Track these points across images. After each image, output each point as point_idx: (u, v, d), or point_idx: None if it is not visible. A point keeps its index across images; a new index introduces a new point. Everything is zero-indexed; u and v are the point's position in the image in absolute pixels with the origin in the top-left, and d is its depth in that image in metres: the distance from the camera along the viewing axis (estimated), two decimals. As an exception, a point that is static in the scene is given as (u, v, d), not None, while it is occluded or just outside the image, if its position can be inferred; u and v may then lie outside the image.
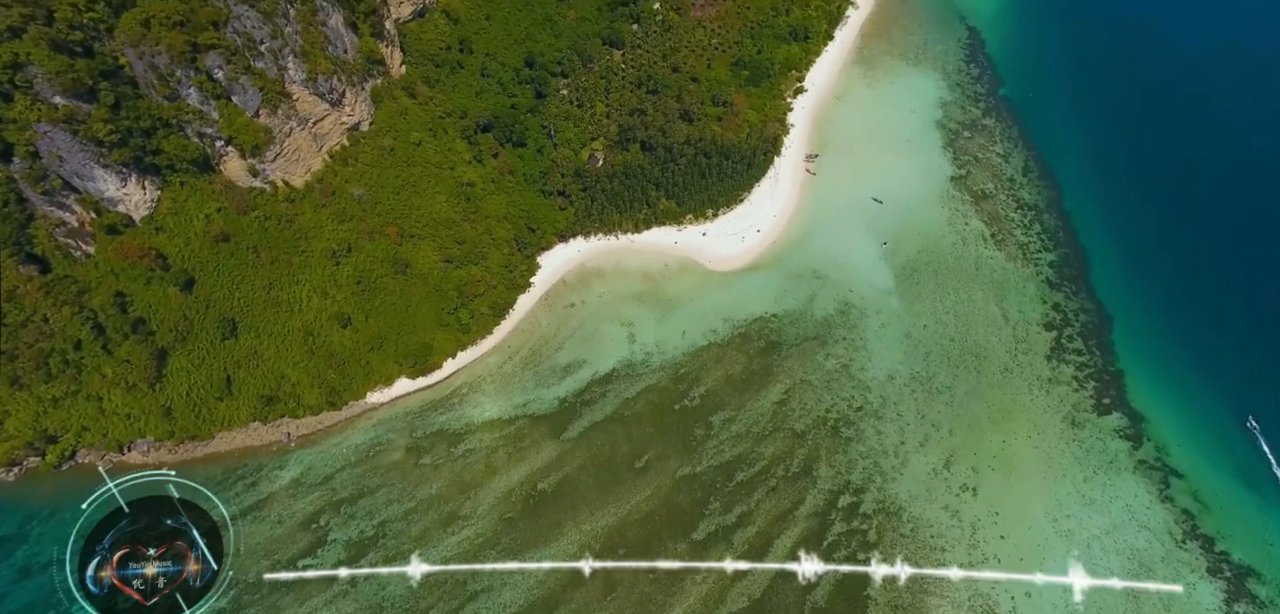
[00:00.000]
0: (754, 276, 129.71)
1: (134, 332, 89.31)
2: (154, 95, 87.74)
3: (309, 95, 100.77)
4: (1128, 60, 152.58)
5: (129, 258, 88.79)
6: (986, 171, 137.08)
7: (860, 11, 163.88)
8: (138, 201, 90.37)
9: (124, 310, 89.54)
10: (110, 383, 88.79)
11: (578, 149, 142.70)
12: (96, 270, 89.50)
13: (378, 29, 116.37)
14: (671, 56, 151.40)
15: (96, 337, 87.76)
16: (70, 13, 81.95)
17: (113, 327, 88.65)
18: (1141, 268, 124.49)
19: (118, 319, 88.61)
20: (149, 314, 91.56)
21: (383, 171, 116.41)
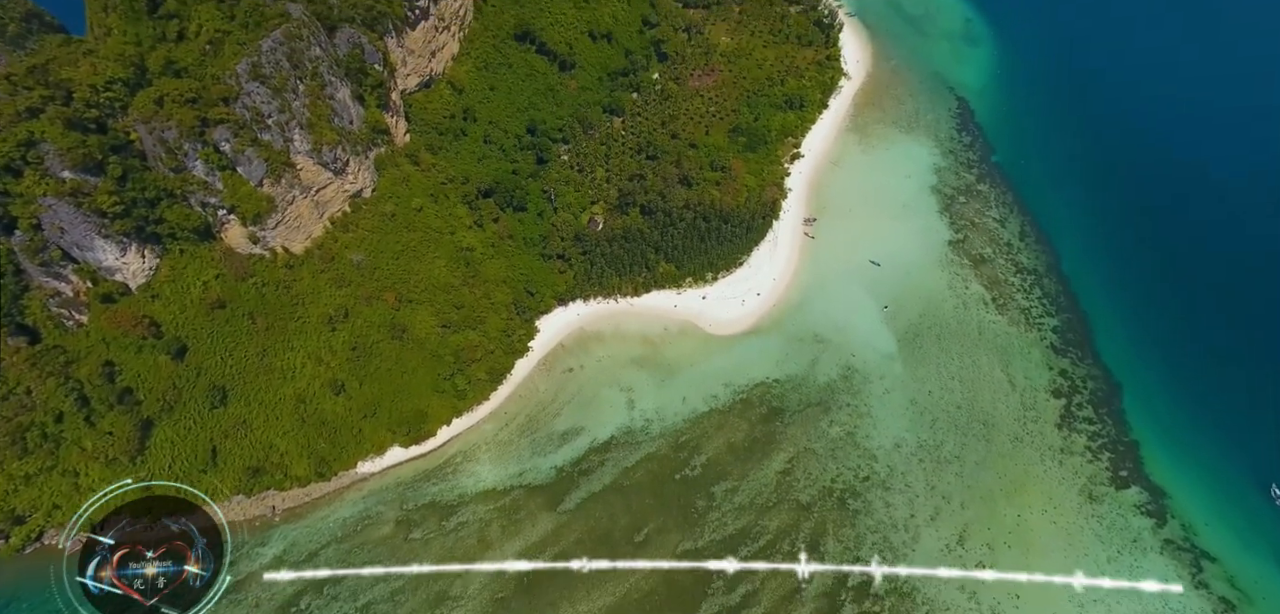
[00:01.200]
0: (754, 341, 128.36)
1: (120, 402, 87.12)
2: (161, 167, 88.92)
3: (313, 165, 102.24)
4: (1117, 127, 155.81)
5: (122, 326, 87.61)
6: (984, 236, 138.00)
7: (853, 82, 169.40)
8: (136, 270, 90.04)
9: (111, 380, 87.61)
10: (89, 456, 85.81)
11: (578, 213, 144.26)
12: (87, 340, 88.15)
13: (384, 100, 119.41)
14: (670, 124, 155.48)
15: (80, 408, 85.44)
16: (88, 93, 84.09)
17: (98, 397, 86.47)
18: (1147, 334, 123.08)
19: (104, 389, 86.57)
20: (137, 383, 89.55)
21: (383, 237, 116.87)
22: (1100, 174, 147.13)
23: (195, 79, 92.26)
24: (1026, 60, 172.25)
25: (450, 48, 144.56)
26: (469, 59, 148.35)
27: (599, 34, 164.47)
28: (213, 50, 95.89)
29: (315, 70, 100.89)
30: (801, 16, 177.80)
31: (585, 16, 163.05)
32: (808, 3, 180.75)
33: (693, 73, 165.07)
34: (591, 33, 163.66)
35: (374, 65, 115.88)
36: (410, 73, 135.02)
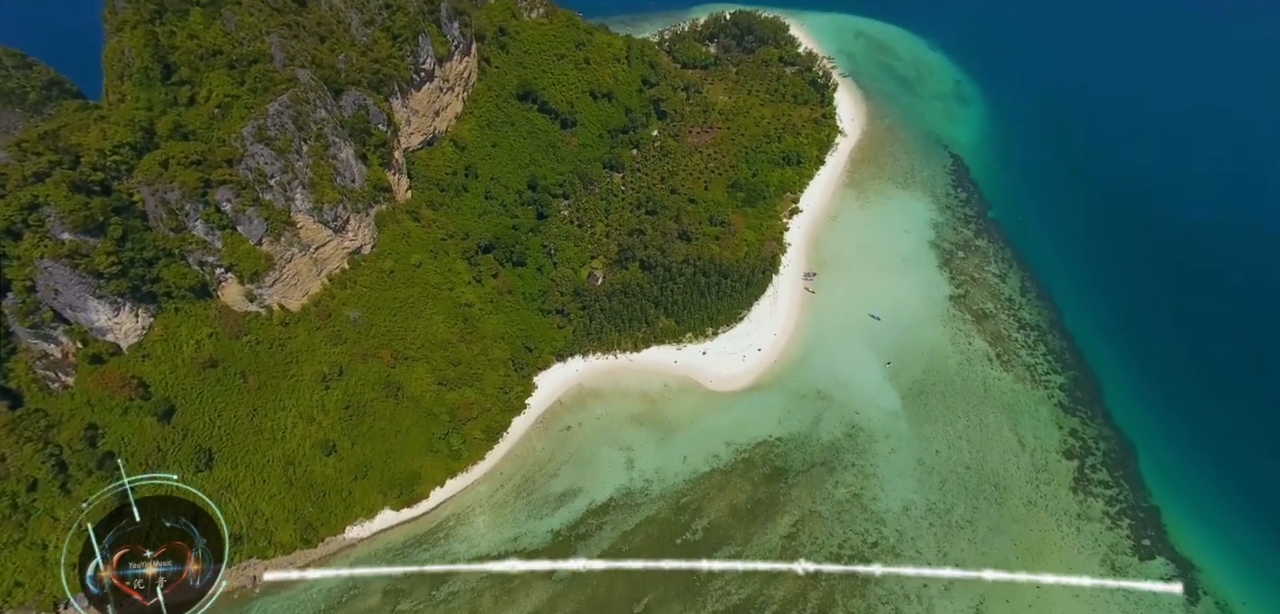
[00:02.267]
0: (756, 397, 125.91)
1: (100, 467, 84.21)
2: (162, 227, 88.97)
3: (313, 223, 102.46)
4: (1109, 185, 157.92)
5: (108, 388, 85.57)
6: (984, 291, 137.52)
7: (849, 139, 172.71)
8: (128, 330, 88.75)
9: (93, 444, 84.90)
10: (62, 528, 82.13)
11: (577, 268, 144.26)
12: (71, 402, 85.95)
13: (387, 159, 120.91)
14: (670, 179, 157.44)
15: (56, 475, 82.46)
16: (95, 157, 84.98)
17: (76, 463, 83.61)
18: (1157, 393, 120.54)
19: (84, 454, 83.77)
20: (119, 447, 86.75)
21: (381, 293, 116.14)
22: (1097, 230, 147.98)
23: (202, 142, 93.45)
24: (1016, 119, 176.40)
25: (454, 107, 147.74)
26: (472, 117, 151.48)
27: (600, 93, 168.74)
28: (221, 114, 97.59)
29: (320, 132, 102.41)
30: (797, 77, 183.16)
31: (586, 77, 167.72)
32: (802, 64, 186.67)
33: (691, 130, 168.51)
34: (592, 92, 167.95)
35: (378, 126, 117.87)
36: (414, 131, 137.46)
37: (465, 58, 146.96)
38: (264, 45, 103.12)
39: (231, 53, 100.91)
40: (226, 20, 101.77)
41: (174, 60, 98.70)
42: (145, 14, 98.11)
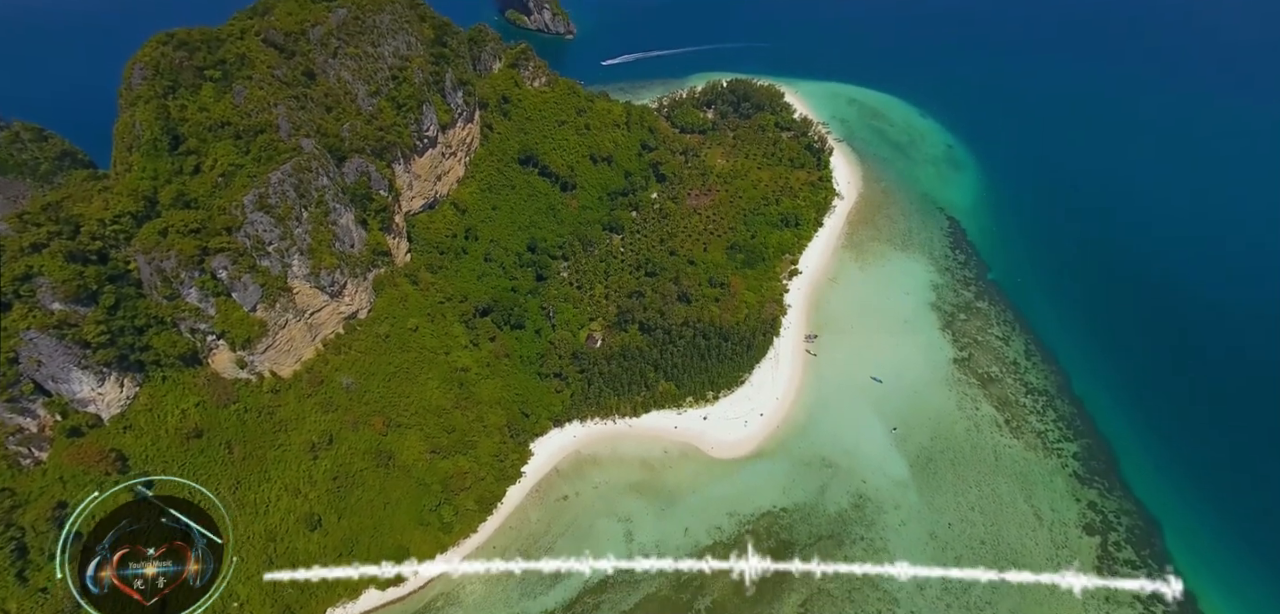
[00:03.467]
0: (759, 465, 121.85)
1: (63, 553, 79.70)
2: (155, 295, 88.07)
3: (309, 288, 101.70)
4: (1107, 247, 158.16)
5: (85, 462, 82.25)
6: (988, 354, 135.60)
7: (846, 201, 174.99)
8: (112, 400, 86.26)
9: (61, 526, 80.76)
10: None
11: (576, 330, 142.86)
12: (41, 479, 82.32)
13: (387, 223, 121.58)
14: (669, 241, 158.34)
15: (15, 560, 77.84)
16: (95, 226, 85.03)
17: (39, 548, 79.19)
18: (1177, 462, 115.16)
19: (48, 537, 79.43)
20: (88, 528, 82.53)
21: (376, 358, 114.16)
22: (1097, 294, 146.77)
23: (203, 210, 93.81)
24: (1009, 184, 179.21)
25: (456, 171, 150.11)
26: (474, 181, 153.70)
27: (600, 157, 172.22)
28: (225, 182, 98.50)
29: (320, 199, 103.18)
30: (793, 141, 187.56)
31: (587, 141, 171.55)
32: (798, 129, 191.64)
33: (690, 192, 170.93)
34: (592, 156, 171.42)
35: (379, 191, 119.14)
36: (415, 195, 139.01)
37: (468, 124, 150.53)
38: (271, 116, 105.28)
39: (239, 124, 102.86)
40: (236, 94, 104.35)
41: (182, 132, 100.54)
42: (159, 89, 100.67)
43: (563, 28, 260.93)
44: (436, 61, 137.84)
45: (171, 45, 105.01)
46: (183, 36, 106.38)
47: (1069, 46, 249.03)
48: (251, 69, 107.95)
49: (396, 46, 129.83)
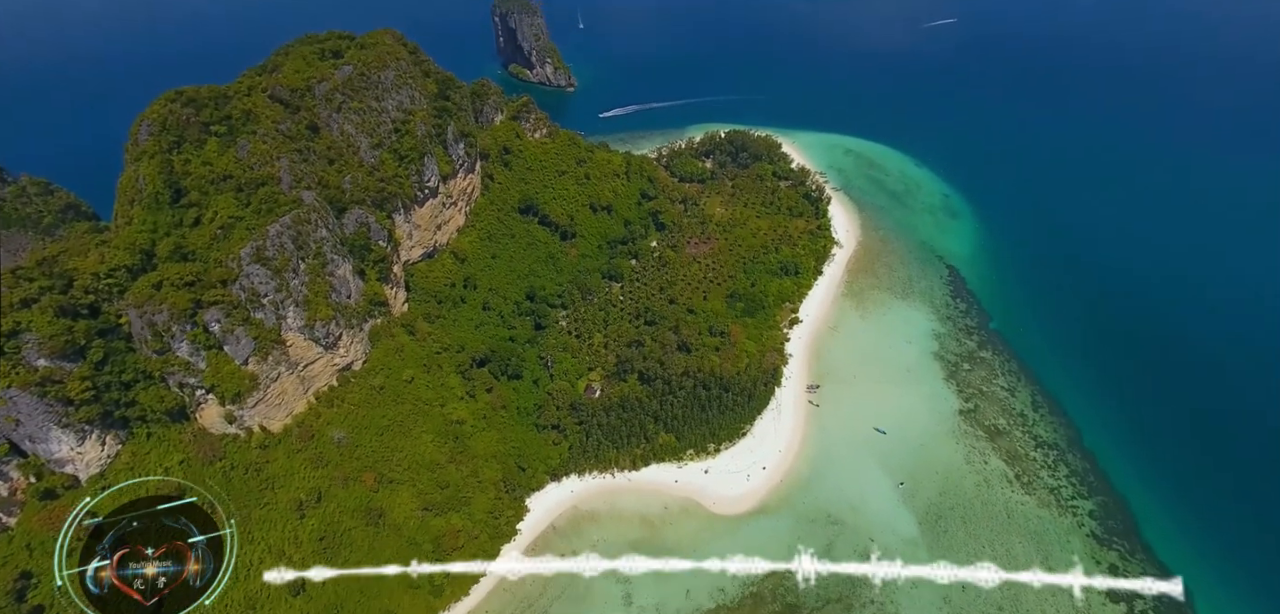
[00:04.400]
0: (763, 521, 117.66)
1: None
2: (145, 349, 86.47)
3: (303, 341, 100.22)
4: (1109, 296, 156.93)
5: (55, 527, 78.72)
6: (994, 405, 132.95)
7: (845, 249, 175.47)
8: (91, 460, 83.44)
9: (20, 599, 76.53)
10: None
11: (574, 380, 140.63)
12: (7, 547, 78.49)
13: (385, 273, 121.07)
14: (668, 289, 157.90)
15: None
16: (89, 280, 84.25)
17: (-2, 623, 75.16)
18: (1204, 526, 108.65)
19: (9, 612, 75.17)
20: (52, 600, 78.20)
21: (369, 411, 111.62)
22: (1104, 344, 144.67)
23: (200, 263, 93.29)
24: (1006, 232, 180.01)
25: (456, 221, 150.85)
26: (474, 230, 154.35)
27: (599, 206, 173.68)
28: (223, 235, 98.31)
29: (319, 250, 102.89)
30: (791, 190, 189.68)
31: (587, 191, 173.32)
32: (796, 179, 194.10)
33: (689, 241, 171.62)
34: (592, 205, 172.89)
35: (378, 242, 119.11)
36: (415, 245, 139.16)
37: (469, 175, 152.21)
38: (273, 169, 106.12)
39: (241, 177, 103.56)
40: (240, 148, 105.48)
41: (185, 185, 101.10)
42: (165, 145, 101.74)
43: (564, 81, 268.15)
44: (439, 115, 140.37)
45: (180, 102, 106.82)
46: (191, 94, 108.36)
47: (1056, 99, 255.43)
48: (257, 124, 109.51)
49: (400, 100, 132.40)
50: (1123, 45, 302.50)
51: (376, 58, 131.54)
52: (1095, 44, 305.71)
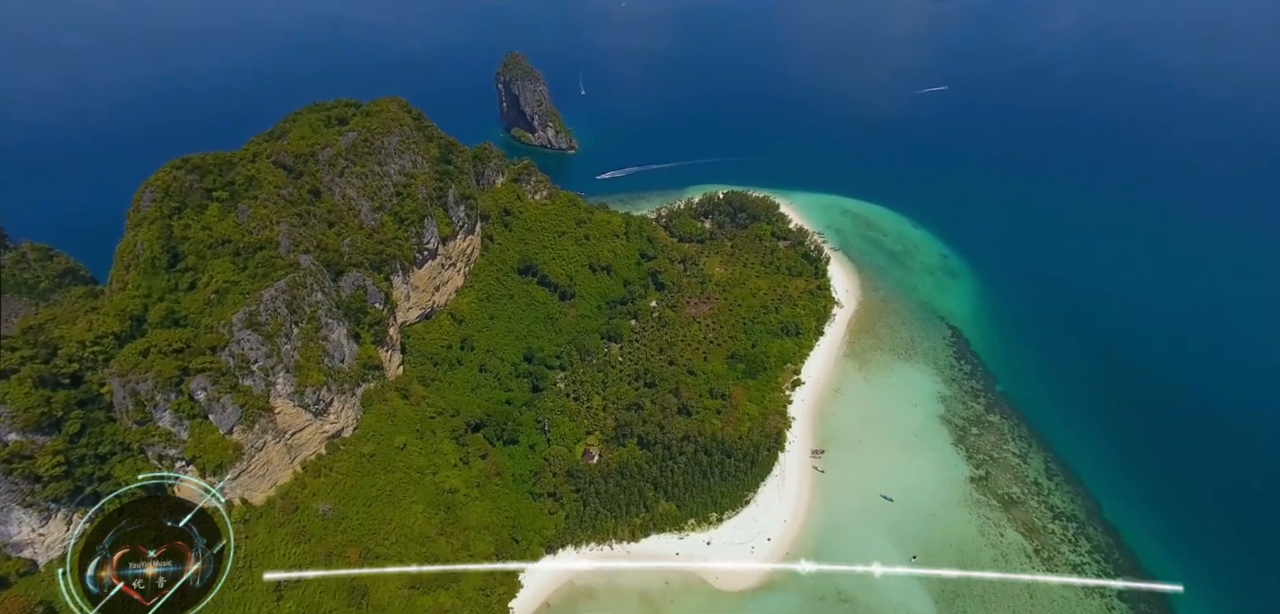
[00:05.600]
0: (770, 598, 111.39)
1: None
2: (126, 420, 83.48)
3: (292, 407, 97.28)
4: (1117, 358, 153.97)
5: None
6: (1007, 473, 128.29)
7: (845, 310, 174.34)
8: (53, 542, 78.81)
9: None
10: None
11: (572, 445, 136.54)
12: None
13: (381, 336, 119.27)
14: (668, 350, 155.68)
15: None
16: (74, 348, 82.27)
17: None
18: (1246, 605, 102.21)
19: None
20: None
21: (358, 481, 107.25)
22: (1114, 407, 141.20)
23: (191, 328, 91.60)
24: (1007, 291, 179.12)
25: (455, 281, 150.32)
26: (472, 291, 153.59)
27: (599, 266, 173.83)
28: (218, 300, 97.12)
29: (313, 314, 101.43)
30: (790, 250, 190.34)
31: (586, 252, 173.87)
32: (794, 238, 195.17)
33: (689, 301, 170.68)
34: (592, 265, 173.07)
35: (375, 305, 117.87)
36: (412, 306, 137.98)
37: (469, 236, 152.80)
38: (272, 233, 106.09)
39: (239, 241, 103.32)
40: (241, 213, 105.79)
41: (182, 250, 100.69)
42: (166, 210, 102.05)
43: (565, 144, 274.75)
44: (441, 178, 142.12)
45: (185, 169, 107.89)
46: (197, 161, 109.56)
47: (1044, 162, 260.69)
48: (259, 189, 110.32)
49: (402, 165, 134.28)
50: (1103, 110, 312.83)
51: (381, 124, 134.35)
52: (1077, 109, 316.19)
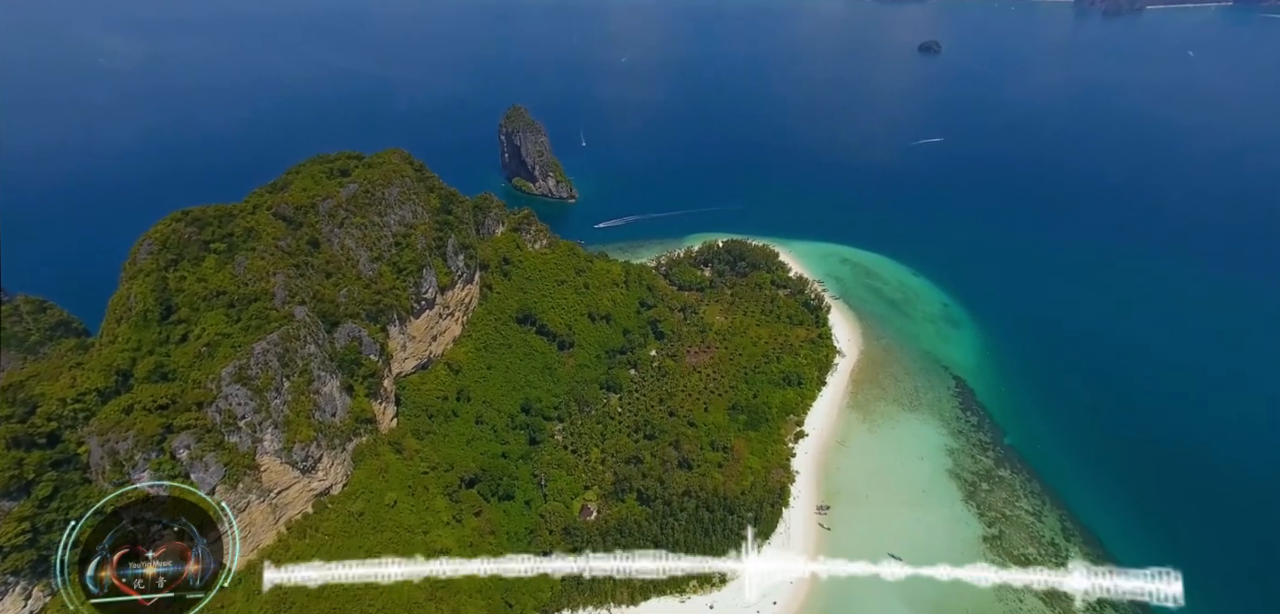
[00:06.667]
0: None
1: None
2: (101, 482, 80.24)
3: (279, 465, 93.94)
4: (1128, 411, 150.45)
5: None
6: (1022, 532, 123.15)
7: (847, 359, 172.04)
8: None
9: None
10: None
11: (569, 501, 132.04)
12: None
13: (375, 389, 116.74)
14: (668, 400, 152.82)
15: None
16: (55, 406, 79.88)
17: None
18: None
19: None
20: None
21: (345, 542, 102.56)
22: (1128, 461, 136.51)
23: (178, 383, 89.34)
24: (1011, 341, 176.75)
25: (453, 331, 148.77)
26: (470, 340, 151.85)
27: (598, 315, 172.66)
28: (209, 353, 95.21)
29: (305, 367, 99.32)
30: (790, 299, 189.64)
31: (586, 300, 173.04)
32: (794, 287, 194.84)
33: (689, 350, 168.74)
34: (591, 314, 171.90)
35: (369, 356, 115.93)
36: (408, 356, 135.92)
37: (468, 286, 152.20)
38: (268, 285, 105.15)
39: (234, 293, 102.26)
40: (237, 264, 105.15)
41: (176, 302, 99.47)
42: (162, 262, 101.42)
43: (566, 193, 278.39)
44: (440, 228, 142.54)
45: (185, 222, 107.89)
46: (197, 213, 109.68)
47: (1040, 211, 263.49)
48: (257, 241, 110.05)
49: (402, 215, 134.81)
50: (1091, 162, 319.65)
51: (382, 175, 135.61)
52: (1066, 162, 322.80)
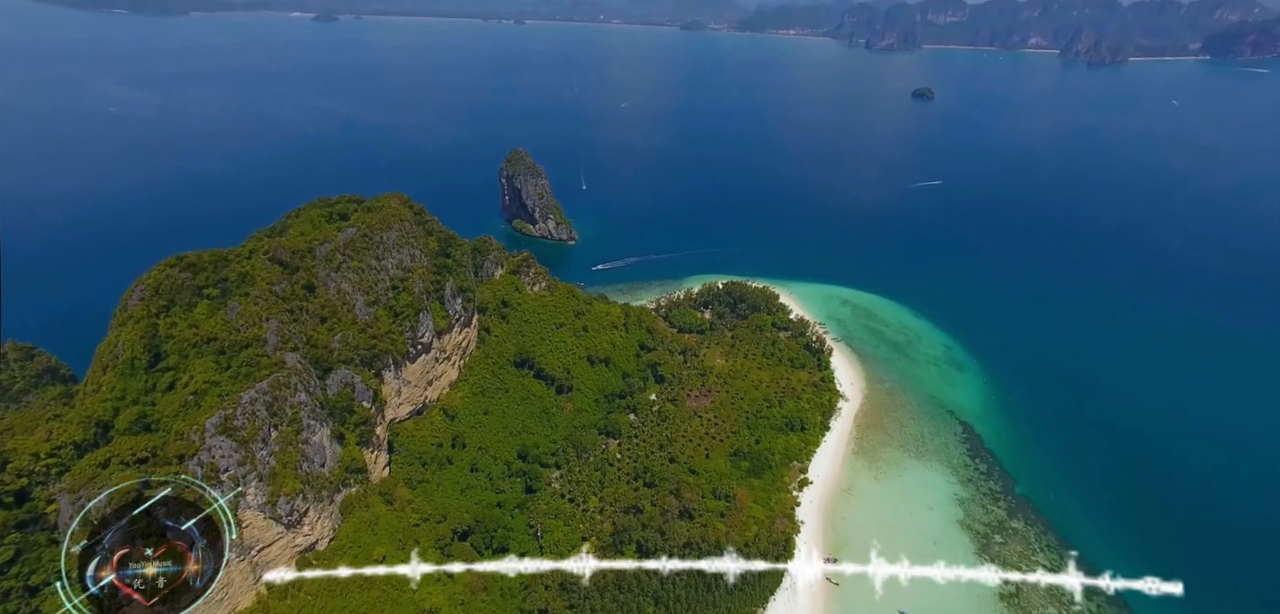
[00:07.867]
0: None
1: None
2: (69, 544, 76.35)
3: (262, 520, 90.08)
4: (1148, 460, 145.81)
5: None
6: (1039, 591, 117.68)
7: (851, 403, 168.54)
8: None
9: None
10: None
11: (566, 553, 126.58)
12: None
13: (366, 436, 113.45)
14: (668, 446, 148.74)
15: None
16: (27, 461, 76.87)
17: None
18: None
19: None
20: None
21: (328, 601, 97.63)
22: (1146, 512, 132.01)
23: (161, 435, 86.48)
24: (1017, 384, 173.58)
25: (449, 375, 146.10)
26: (466, 384, 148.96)
27: (597, 358, 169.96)
28: (195, 402, 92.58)
29: (294, 415, 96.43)
30: (791, 341, 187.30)
31: (584, 343, 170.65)
32: (795, 329, 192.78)
33: (690, 394, 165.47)
34: (590, 357, 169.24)
35: (362, 403, 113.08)
36: (403, 402, 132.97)
37: (465, 329, 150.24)
38: (260, 330, 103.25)
39: (225, 339, 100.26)
40: (230, 310, 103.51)
41: (165, 348, 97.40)
42: (154, 309, 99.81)
43: (566, 235, 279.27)
44: (438, 271, 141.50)
45: (179, 267, 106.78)
46: (192, 259, 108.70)
47: (1038, 253, 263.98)
48: (251, 286, 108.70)
49: (400, 259, 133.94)
50: (1087, 206, 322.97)
51: (380, 219, 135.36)
52: (1064, 204, 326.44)
